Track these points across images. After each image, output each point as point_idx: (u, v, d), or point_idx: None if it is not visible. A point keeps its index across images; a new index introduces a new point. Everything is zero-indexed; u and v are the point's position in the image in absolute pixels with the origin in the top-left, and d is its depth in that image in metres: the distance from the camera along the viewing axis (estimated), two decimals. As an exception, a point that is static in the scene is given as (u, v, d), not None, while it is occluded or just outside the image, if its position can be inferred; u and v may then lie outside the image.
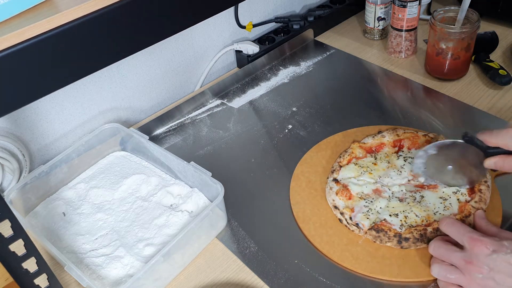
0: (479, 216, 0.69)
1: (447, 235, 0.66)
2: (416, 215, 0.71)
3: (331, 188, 0.77)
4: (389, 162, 0.80)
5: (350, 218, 0.72)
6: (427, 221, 0.71)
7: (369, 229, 0.71)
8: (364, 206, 0.74)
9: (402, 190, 0.76)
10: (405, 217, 0.71)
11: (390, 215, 0.72)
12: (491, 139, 0.68)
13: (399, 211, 0.72)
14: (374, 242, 0.70)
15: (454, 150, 0.74)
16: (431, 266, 0.65)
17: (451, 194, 0.74)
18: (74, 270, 0.65)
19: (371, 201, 0.74)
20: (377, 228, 0.70)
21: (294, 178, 0.82)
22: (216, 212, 0.74)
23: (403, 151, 0.82)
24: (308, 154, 0.86)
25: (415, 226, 0.70)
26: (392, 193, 0.76)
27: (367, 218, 0.72)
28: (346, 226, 0.73)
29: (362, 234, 0.71)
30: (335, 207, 0.75)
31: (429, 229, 0.69)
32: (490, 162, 0.69)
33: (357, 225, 0.72)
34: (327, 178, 0.80)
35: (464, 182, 0.74)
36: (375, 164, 0.80)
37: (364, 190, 0.76)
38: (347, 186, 0.77)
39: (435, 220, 0.70)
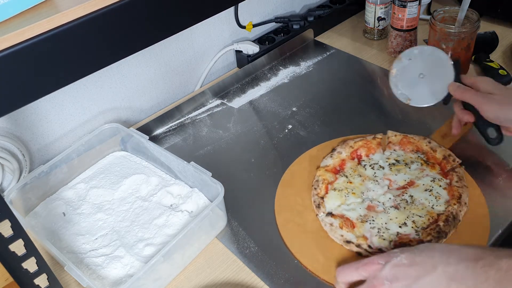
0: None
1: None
2: (420, 216, 0.71)
3: (331, 224, 0.72)
4: (360, 176, 0.79)
5: (369, 246, 0.68)
6: (432, 217, 0.71)
7: (392, 249, 0.66)
8: (371, 228, 0.71)
9: (390, 198, 0.75)
10: (413, 222, 0.71)
11: (400, 227, 0.70)
12: (467, 78, 0.77)
13: (404, 219, 0.71)
14: None
15: (429, 61, 0.80)
16: None
17: (431, 184, 0.76)
18: (74, 270, 0.65)
19: (373, 220, 0.72)
20: (399, 244, 0.68)
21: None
22: (216, 212, 0.74)
23: (364, 160, 0.82)
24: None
25: (426, 228, 0.69)
26: (383, 204, 0.74)
27: (383, 239, 0.69)
28: (367, 256, 0.67)
29: None
30: (348, 241, 0.69)
31: (441, 223, 0.69)
32: (454, 85, 0.77)
33: (380, 250, 0.68)
34: (317, 215, 0.74)
35: (412, 95, 0.80)
36: (350, 182, 0.78)
37: (360, 213, 0.73)
38: (344, 216, 0.73)
39: (438, 214, 0.71)
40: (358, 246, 0.69)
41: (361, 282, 0.60)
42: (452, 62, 0.78)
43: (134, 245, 0.73)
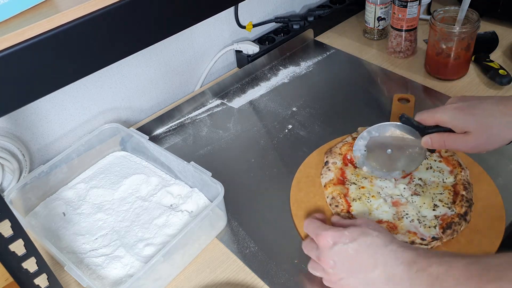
0: (333, 219, 0.70)
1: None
2: (441, 193, 0.74)
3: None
4: (366, 178, 0.79)
5: (422, 239, 0.68)
6: (450, 190, 0.74)
7: (442, 233, 0.68)
8: (410, 222, 0.71)
9: (405, 188, 0.76)
10: (440, 201, 0.73)
11: (433, 209, 0.72)
12: (428, 117, 0.69)
13: (431, 202, 0.73)
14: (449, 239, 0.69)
15: (393, 134, 0.76)
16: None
17: (427, 161, 0.79)
18: (74, 270, 0.65)
19: (407, 214, 0.72)
20: (446, 226, 0.69)
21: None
22: (216, 212, 0.74)
23: (357, 163, 0.81)
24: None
25: (454, 201, 0.72)
26: (402, 195, 0.75)
27: (429, 227, 0.70)
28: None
29: (440, 243, 0.69)
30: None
31: (463, 192, 0.72)
32: (427, 140, 0.70)
33: (434, 238, 0.68)
34: None
35: (401, 167, 0.76)
36: (363, 187, 0.77)
37: (392, 212, 0.73)
38: (382, 221, 0.72)
39: (453, 185, 0.75)
40: (412, 243, 0.68)
41: None
42: (402, 123, 0.73)
43: (134, 245, 0.73)
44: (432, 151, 0.75)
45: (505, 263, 0.48)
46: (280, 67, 1.11)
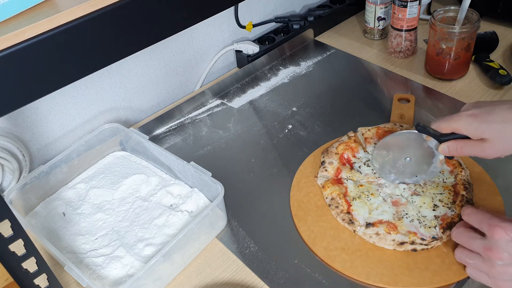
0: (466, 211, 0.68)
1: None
2: (441, 193, 0.74)
3: (378, 233, 0.70)
4: (362, 178, 0.78)
5: (423, 239, 0.68)
6: (450, 190, 0.74)
7: (443, 233, 0.68)
8: (410, 222, 0.71)
9: (404, 189, 0.76)
10: (440, 201, 0.73)
11: (434, 210, 0.72)
12: (443, 125, 0.69)
13: (431, 202, 0.73)
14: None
15: (409, 142, 0.75)
16: (455, 250, 0.65)
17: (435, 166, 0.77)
18: (74, 270, 0.65)
19: (406, 214, 0.72)
20: (446, 225, 0.69)
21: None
22: (216, 212, 0.74)
23: (355, 162, 0.81)
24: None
25: (454, 202, 0.72)
26: (402, 195, 0.75)
27: (429, 227, 0.70)
28: (424, 249, 0.69)
29: (440, 243, 0.69)
30: (401, 243, 0.69)
31: (463, 192, 0.72)
32: (444, 147, 0.69)
33: (434, 238, 0.68)
34: (354, 231, 0.72)
35: (424, 172, 0.75)
36: (361, 185, 0.77)
37: (392, 211, 0.73)
38: (382, 221, 0.72)
39: (453, 185, 0.75)
40: (412, 243, 0.68)
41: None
42: (418, 131, 0.73)
43: (134, 245, 0.73)
44: (450, 157, 0.74)
45: None
46: (280, 67, 1.11)
